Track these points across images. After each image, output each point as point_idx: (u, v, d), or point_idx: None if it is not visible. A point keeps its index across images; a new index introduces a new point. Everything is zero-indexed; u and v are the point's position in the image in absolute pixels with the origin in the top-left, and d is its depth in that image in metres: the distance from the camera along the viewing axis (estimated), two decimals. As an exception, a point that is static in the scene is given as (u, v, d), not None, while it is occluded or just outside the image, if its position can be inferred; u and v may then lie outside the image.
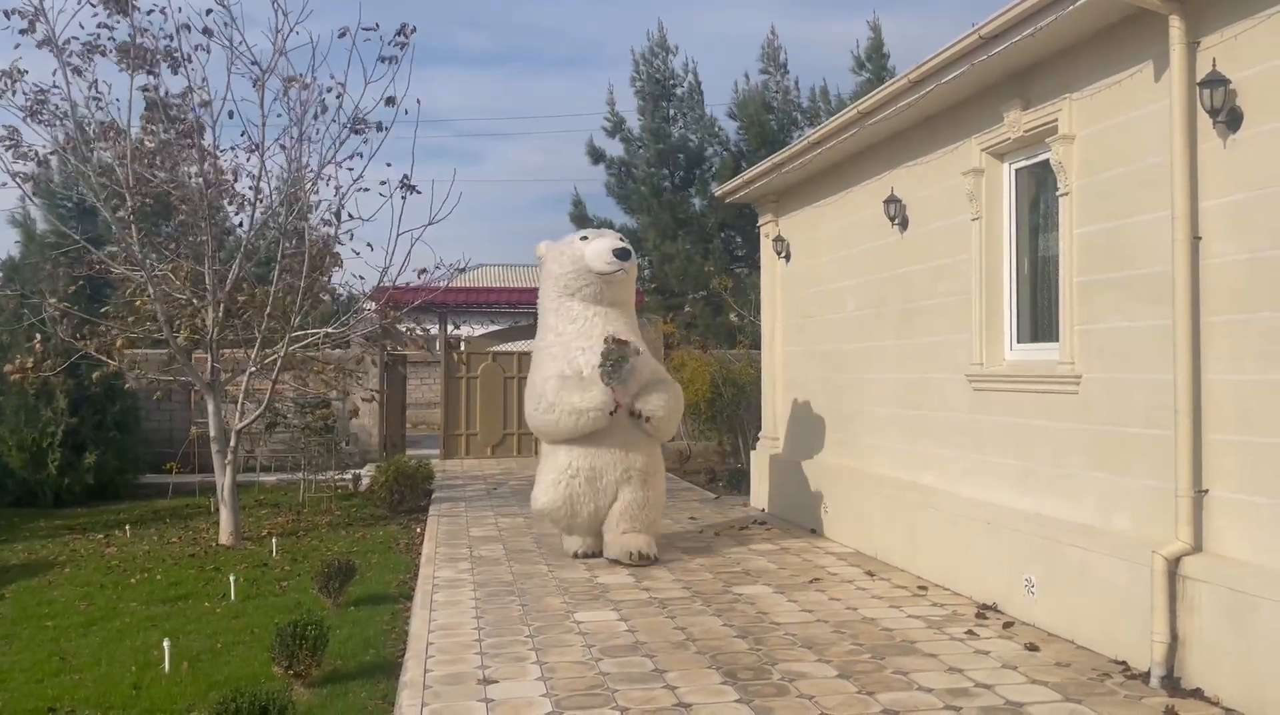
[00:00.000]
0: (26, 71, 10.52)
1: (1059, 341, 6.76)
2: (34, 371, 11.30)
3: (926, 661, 5.91)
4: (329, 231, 11.58)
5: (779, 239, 11.86)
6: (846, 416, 10.00)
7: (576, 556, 9.03)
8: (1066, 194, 6.63)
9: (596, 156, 20.77)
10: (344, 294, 13.68)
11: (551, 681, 5.58)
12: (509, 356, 19.98)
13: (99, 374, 11.86)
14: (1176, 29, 5.45)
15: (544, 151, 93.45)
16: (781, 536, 10.27)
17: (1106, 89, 6.28)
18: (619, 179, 20.75)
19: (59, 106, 10.67)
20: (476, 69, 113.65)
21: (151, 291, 10.70)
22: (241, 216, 11.49)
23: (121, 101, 11.35)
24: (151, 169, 10.98)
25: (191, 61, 10.61)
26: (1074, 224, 6.57)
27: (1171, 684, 5.36)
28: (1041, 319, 7.33)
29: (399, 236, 11.02)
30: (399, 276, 11.35)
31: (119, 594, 8.51)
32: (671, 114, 20.63)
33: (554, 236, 9.49)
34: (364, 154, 10.96)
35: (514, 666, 5.87)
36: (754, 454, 12.63)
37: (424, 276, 11.66)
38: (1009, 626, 6.64)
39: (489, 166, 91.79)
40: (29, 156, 10.90)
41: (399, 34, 10.54)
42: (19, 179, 10.96)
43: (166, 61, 10.63)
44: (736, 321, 17.56)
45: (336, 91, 10.74)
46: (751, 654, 6.08)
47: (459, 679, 5.66)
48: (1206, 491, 5.40)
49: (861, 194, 9.66)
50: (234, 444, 11.16)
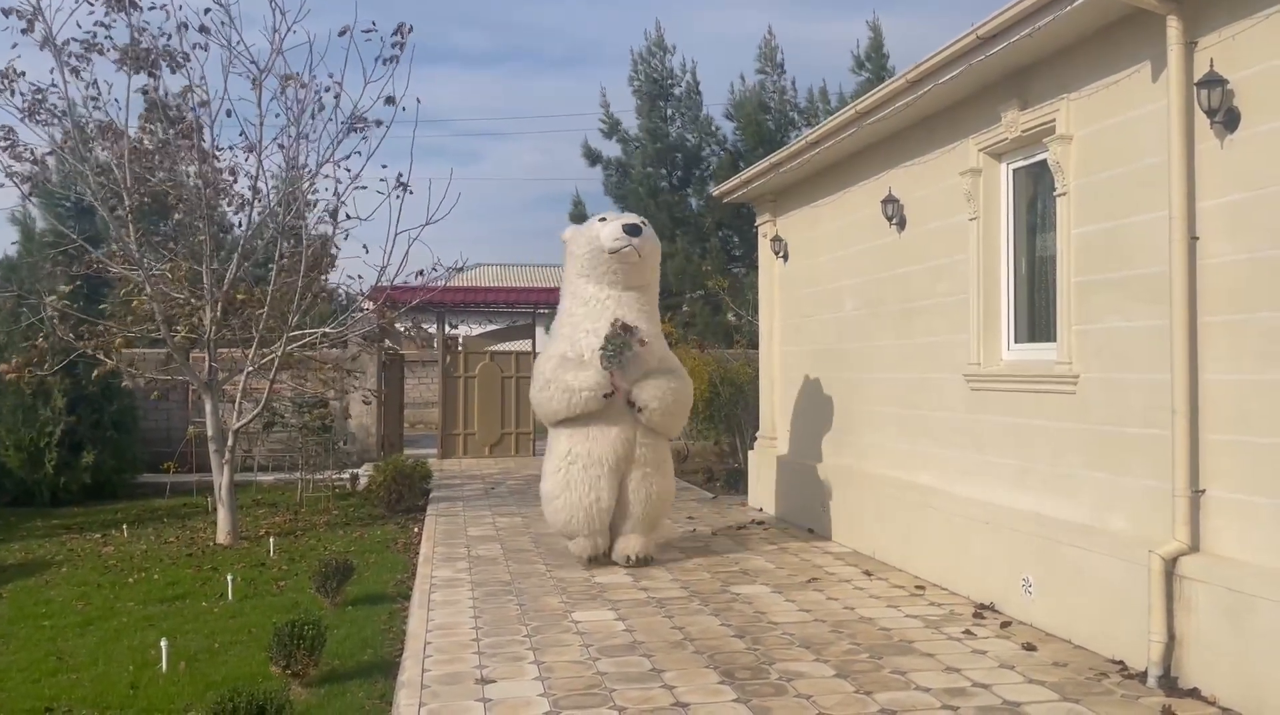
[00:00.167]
0: (24, 73, 10.52)
1: (1057, 341, 6.76)
2: (32, 371, 11.28)
3: (924, 661, 5.91)
4: (327, 230, 11.60)
5: (777, 239, 11.86)
6: (844, 416, 10.00)
7: (584, 560, 8.65)
8: (1064, 194, 6.64)
9: (593, 158, 20.76)
10: (342, 294, 13.67)
11: (549, 681, 5.58)
12: (507, 356, 19.99)
13: (97, 373, 11.85)
14: (1174, 29, 5.46)
15: (542, 151, 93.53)
16: (779, 536, 10.27)
17: (1104, 89, 6.28)
18: (616, 179, 20.73)
19: (56, 106, 10.67)
20: (475, 68, 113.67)
21: (149, 291, 10.69)
22: (240, 216, 11.50)
23: (120, 101, 11.31)
24: (149, 169, 10.97)
25: (190, 60, 10.62)
26: (1072, 224, 6.58)
27: (1169, 684, 5.37)
28: (1039, 319, 7.34)
29: (396, 236, 11.03)
30: (397, 276, 11.36)
31: (116, 593, 8.51)
32: (669, 114, 20.61)
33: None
34: (362, 153, 10.98)
35: (512, 666, 5.88)
36: (751, 454, 12.64)
37: (421, 277, 11.67)
38: (1006, 626, 6.65)
39: (487, 166, 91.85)
40: (25, 157, 10.89)
41: (396, 33, 10.54)
42: (16, 179, 10.96)
43: (166, 61, 10.62)
44: (734, 321, 17.55)
45: (335, 91, 10.76)
46: (749, 653, 6.08)
47: (457, 678, 5.66)
48: (1204, 491, 5.41)
49: (859, 194, 9.66)
50: (231, 443, 11.15)
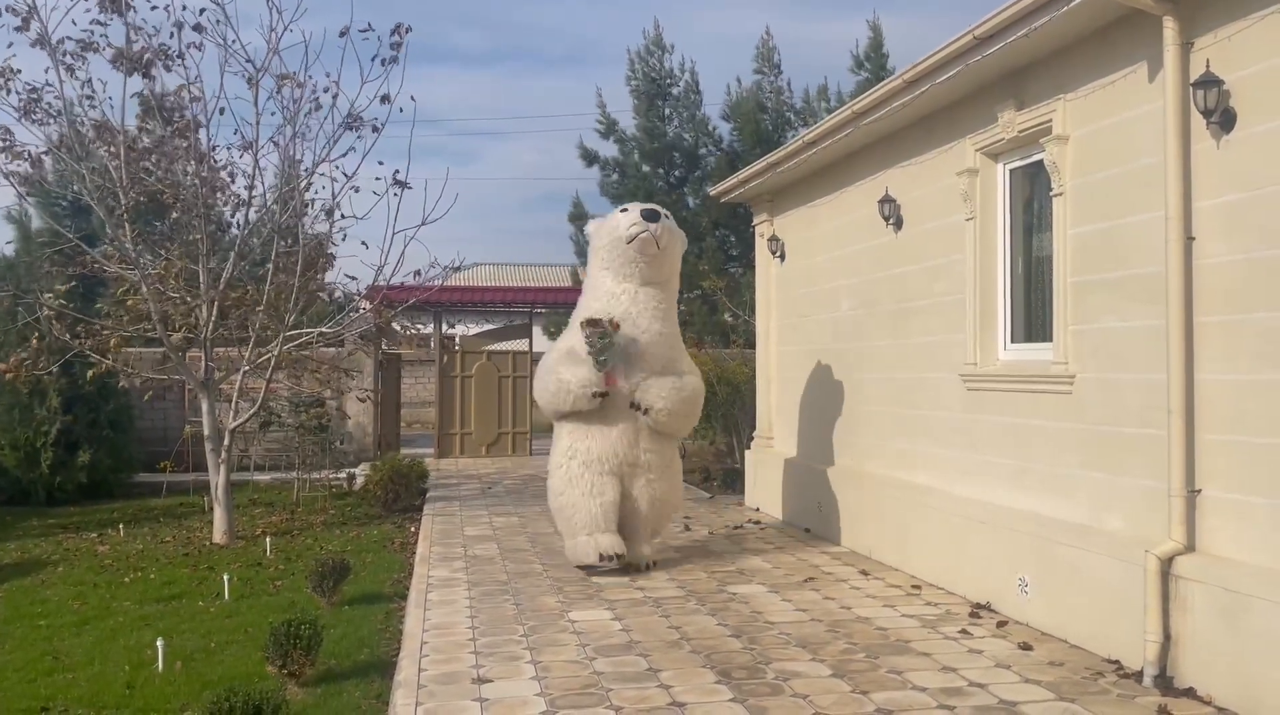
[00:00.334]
0: (19, 71, 10.50)
1: (1053, 341, 6.77)
2: (28, 370, 11.25)
3: (920, 661, 5.92)
4: (323, 229, 11.59)
5: (774, 238, 11.87)
6: (841, 416, 10.00)
7: (593, 559, 8.12)
8: (1061, 194, 6.64)
9: (590, 158, 20.73)
10: (339, 294, 13.66)
11: (546, 681, 5.58)
12: (504, 356, 19.98)
13: (92, 373, 11.83)
14: (1170, 30, 5.47)
15: (540, 151, 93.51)
16: (776, 535, 10.28)
17: (1100, 90, 6.29)
18: (613, 179, 20.71)
19: (52, 105, 10.65)
20: (473, 68, 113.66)
21: (145, 290, 10.67)
22: (236, 215, 11.49)
23: (115, 100, 11.29)
24: (145, 169, 10.95)
25: (185, 59, 10.61)
26: (1068, 224, 6.59)
27: (1164, 683, 5.38)
28: (1035, 319, 7.34)
29: (394, 235, 11.03)
30: (393, 276, 11.35)
31: (112, 593, 8.50)
32: (667, 113, 20.59)
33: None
34: (358, 151, 10.98)
35: (508, 666, 5.88)
36: (748, 453, 12.65)
37: (418, 276, 11.66)
38: (1003, 626, 6.66)
39: (485, 165, 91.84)
40: (22, 156, 10.87)
41: (394, 34, 10.54)
42: (12, 179, 10.94)
43: (160, 61, 10.60)
44: (731, 321, 17.54)
45: (332, 91, 10.75)
46: (746, 653, 6.09)
47: (453, 678, 5.66)
48: (1200, 491, 5.42)
49: (856, 194, 9.66)
50: (228, 443, 11.14)
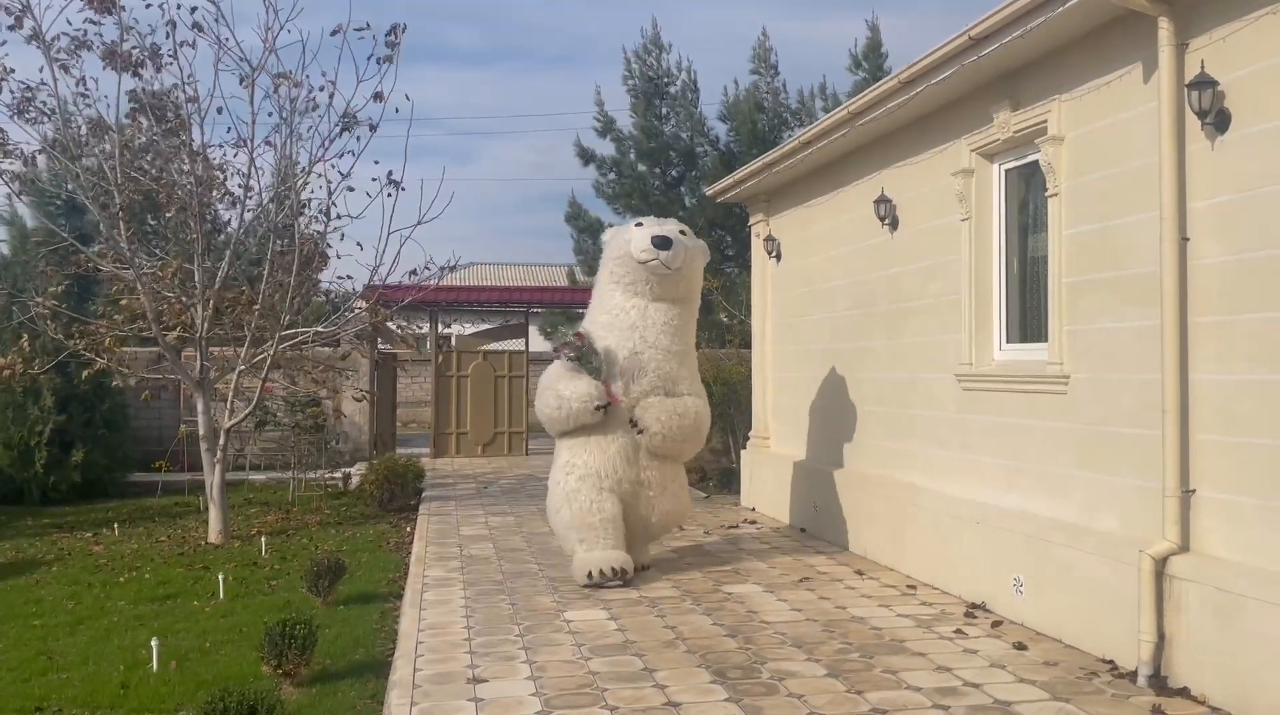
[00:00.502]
0: (13, 70, 10.48)
1: (1047, 342, 6.78)
2: (22, 370, 11.24)
3: (915, 660, 5.92)
4: (319, 229, 11.57)
5: (770, 238, 11.87)
6: (838, 416, 10.01)
7: (591, 577, 7.73)
8: (1055, 195, 6.65)
9: (586, 157, 20.72)
10: (335, 293, 13.65)
11: (541, 681, 5.58)
12: (500, 355, 19.97)
13: (88, 372, 11.82)
14: (1165, 31, 5.48)
15: (536, 150, 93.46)
16: (771, 535, 10.29)
17: (1095, 90, 6.30)
18: (610, 178, 20.70)
19: (46, 103, 10.63)
20: (470, 67, 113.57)
21: (140, 289, 10.66)
22: (231, 214, 11.48)
23: (110, 98, 11.28)
24: (139, 168, 10.93)
25: (178, 58, 10.59)
26: (1063, 225, 6.60)
27: (1158, 683, 5.39)
28: (1030, 319, 7.35)
29: (389, 235, 11.02)
30: (389, 275, 11.35)
31: (107, 593, 8.48)
32: (664, 112, 20.57)
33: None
34: (354, 152, 10.95)
35: (503, 665, 5.87)
36: (744, 453, 12.65)
37: (414, 276, 11.65)
38: (997, 625, 6.67)
39: (481, 165, 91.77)
40: (16, 154, 10.85)
41: (390, 34, 10.52)
42: (6, 178, 10.92)
43: (153, 61, 10.58)
44: (727, 321, 17.54)
45: (329, 91, 10.73)
46: (741, 653, 6.09)
47: (448, 678, 5.66)
48: (1193, 491, 5.43)
49: (852, 194, 9.67)
50: (223, 442, 11.13)
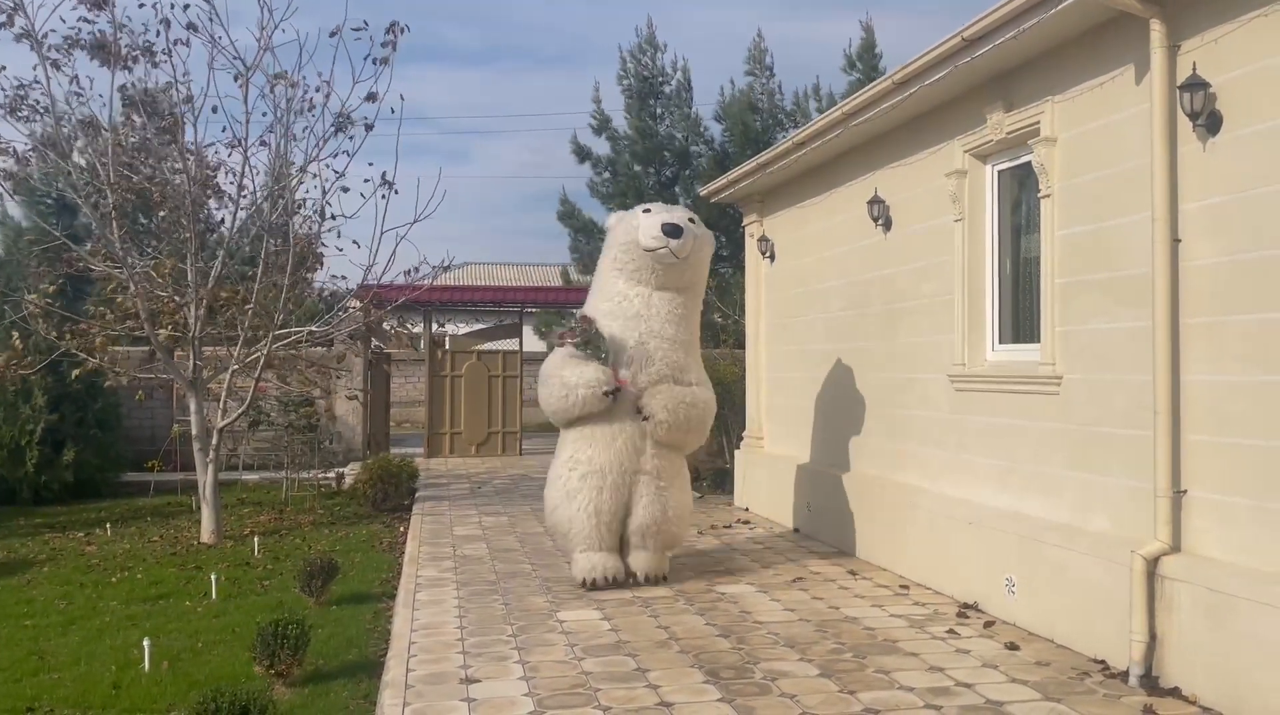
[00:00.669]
0: (3, 67, 10.47)
1: (1040, 342, 6.80)
2: (14, 369, 11.21)
3: (908, 660, 5.93)
4: (313, 228, 11.55)
5: (764, 239, 11.88)
6: (831, 416, 10.02)
7: (586, 585, 7.75)
8: (1048, 196, 6.67)
9: (582, 154, 20.71)
10: (327, 292, 13.63)
11: (534, 681, 5.58)
12: (494, 355, 19.96)
13: (79, 372, 11.79)
14: (1157, 32, 5.49)
15: (531, 149, 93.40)
16: (765, 535, 10.30)
17: (1088, 92, 6.31)
18: (605, 177, 20.69)
19: (39, 102, 10.60)
20: (465, 66, 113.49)
21: (133, 288, 10.63)
22: (224, 213, 11.45)
23: (104, 97, 11.25)
24: (132, 167, 10.91)
25: (172, 56, 10.56)
26: (1056, 226, 6.61)
27: (1150, 683, 5.40)
28: (1023, 320, 7.37)
29: (383, 234, 11.00)
30: (384, 275, 11.33)
31: (99, 593, 8.46)
32: (659, 112, 20.58)
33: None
34: (349, 152, 10.93)
35: (496, 666, 5.87)
36: (738, 453, 12.66)
37: (408, 276, 11.64)
38: (990, 626, 6.68)
39: (476, 164, 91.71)
40: (8, 152, 10.82)
41: (389, 33, 10.50)
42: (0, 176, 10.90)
43: (146, 58, 10.56)
44: (720, 321, 17.56)
45: (325, 91, 10.71)
46: (734, 653, 6.09)
47: (441, 678, 5.66)
48: (1185, 492, 5.44)
49: (846, 195, 9.68)
50: (216, 442, 11.11)
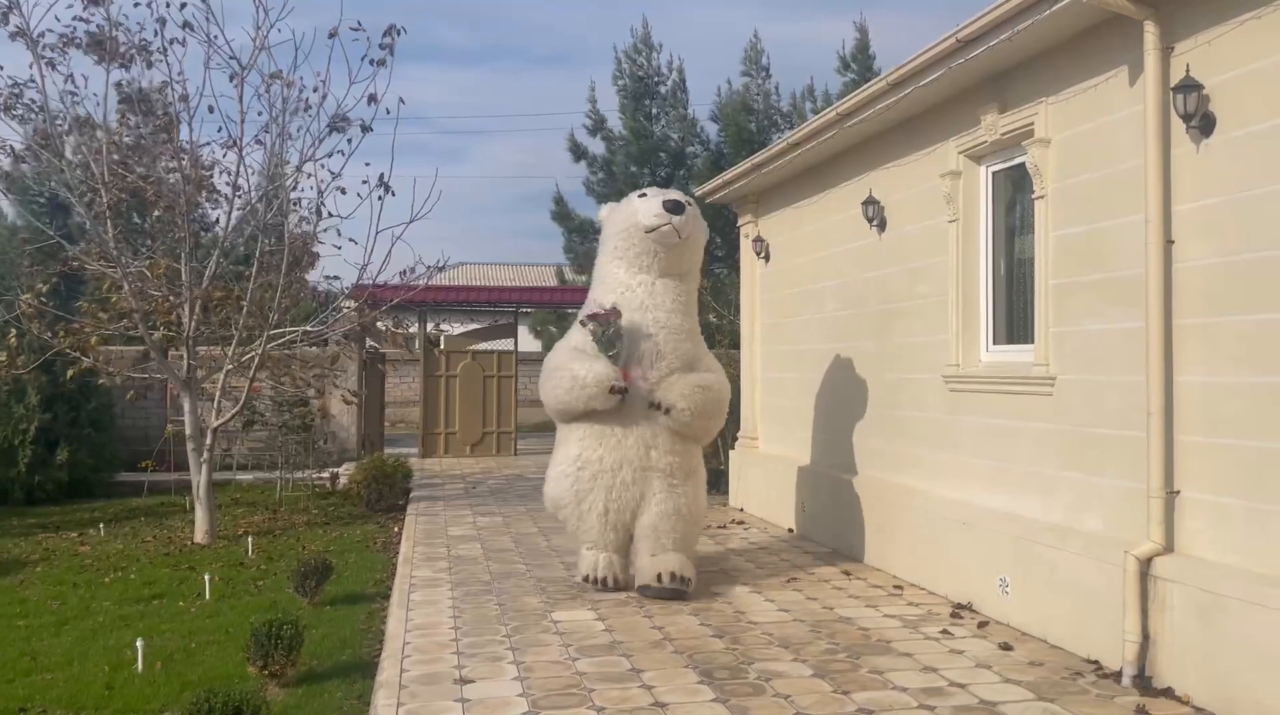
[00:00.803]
0: (1, 66, 10.44)
1: (1034, 343, 6.81)
2: (7, 369, 11.18)
3: (902, 661, 5.94)
4: (308, 228, 11.55)
5: (758, 239, 11.89)
6: (826, 417, 10.03)
7: (589, 581, 7.59)
8: (1042, 197, 6.68)
9: (578, 153, 20.71)
10: (321, 292, 13.61)
11: (528, 681, 5.58)
12: (489, 355, 19.96)
13: (72, 372, 11.77)
14: (1151, 34, 5.51)
15: (527, 149, 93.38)
16: (760, 535, 10.30)
17: (1082, 93, 6.33)
18: (600, 177, 20.70)
19: (35, 100, 10.58)
20: (461, 66, 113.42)
21: (127, 288, 10.61)
22: (219, 212, 11.45)
23: (98, 96, 11.23)
24: (126, 165, 10.89)
25: (167, 54, 10.54)
26: (1050, 227, 6.63)
27: (1143, 683, 5.42)
28: (1017, 321, 7.38)
29: (378, 234, 11.00)
30: (379, 275, 11.32)
31: (92, 593, 8.44)
32: (654, 112, 20.59)
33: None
34: (345, 152, 10.91)
35: (490, 666, 5.87)
36: (733, 453, 12.67)
37: (404, 276, 11.63)
38: (984, 626, 6.69)
39: (471, 164, 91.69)
40: (3, 150, 10.80)
41: (385, 35, 10.48)
42: None
43: (141, 56, 10.54)
44: (715, 321, 17.58)
45: (322, 91, 10.70)
46: (728, 653, 6.10)
47: (435, 679, 5.65)
48: (1178, 492, 5.46)
49: (840, 195, 9.69)
50: (210, 442, 11.08)
